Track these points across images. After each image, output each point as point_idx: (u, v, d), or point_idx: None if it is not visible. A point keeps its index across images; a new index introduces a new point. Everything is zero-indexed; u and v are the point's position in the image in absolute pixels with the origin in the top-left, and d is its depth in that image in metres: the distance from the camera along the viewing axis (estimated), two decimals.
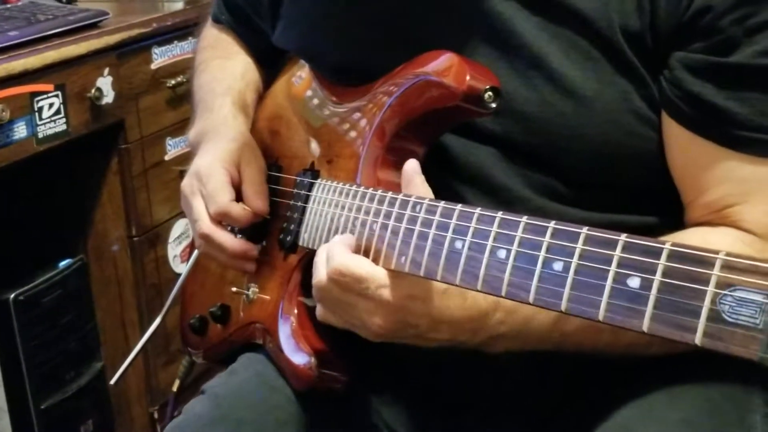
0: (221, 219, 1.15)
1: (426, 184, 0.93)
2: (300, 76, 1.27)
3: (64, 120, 1.81)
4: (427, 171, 0.99)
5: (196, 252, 1.35)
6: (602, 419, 0.96)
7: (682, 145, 0.96)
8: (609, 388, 0.99)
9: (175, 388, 1.44)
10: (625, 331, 0.92)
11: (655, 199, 1.01)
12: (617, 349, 0.96)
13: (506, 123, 1.00)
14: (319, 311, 0.98)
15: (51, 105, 1.78)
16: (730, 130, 0.92)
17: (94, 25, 1.94)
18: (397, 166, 0.99)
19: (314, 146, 1.18)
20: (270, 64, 1.35)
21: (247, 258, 1.17)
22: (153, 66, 2.05)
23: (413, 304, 0.91)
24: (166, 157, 2.11)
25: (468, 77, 0.95)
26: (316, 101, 1.22)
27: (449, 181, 1.03)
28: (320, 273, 0.94)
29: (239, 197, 1.17)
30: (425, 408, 1.12)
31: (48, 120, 1.77)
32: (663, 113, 0.96)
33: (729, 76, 0.91)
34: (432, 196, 0.91)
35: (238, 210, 1.14)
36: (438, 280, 0.86)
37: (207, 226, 1.15)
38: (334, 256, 0.93)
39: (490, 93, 0.95)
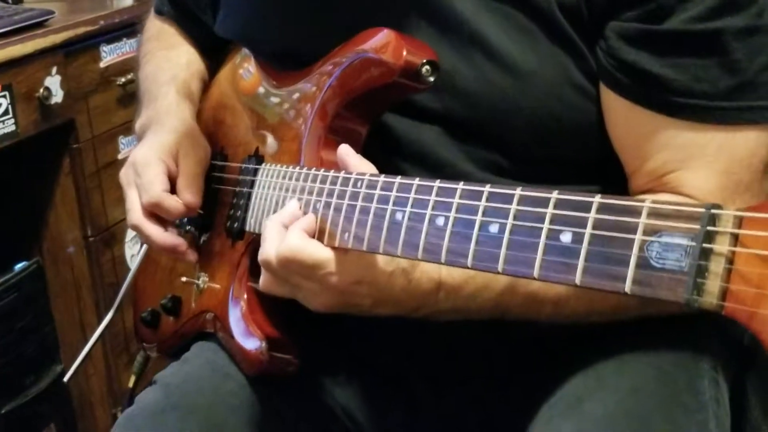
0: (153, 210, 1.14)
1: (364, 161, 0.93)
2: (248, 70, 1.27)
3: (12, 121, 1.79)
4: (370, 151, 0.99)
5: (145, 245, 1.34)
6: (553, 389, 0.96)
7: (621, 115, 0.96)
8: (560, 359, 1.00)
9: (131, 384, 1.43)
10: (565, 304, 0.94)
11: (598, 170, 1.01)
12: (559, 319, 0.97)
13: (447, 100, 1.00)
14: (264, 282, 0.96)
15: None
16: (666, 96, 0.92)
17: (40, 24, 1.92)
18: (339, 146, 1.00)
19: (258, 132, 1.18)
20: (214, 53, 1.35)
21: (176, 252, 1.15)
22: (102, 64, 2.03)
23: (359, 288, 0.91)
24: (119, 156, 2.09)
25: (405, 52, 0.95)
26: (260, 88, 1.21)
27: (393, 160, 1.03)
28: (269, 251, 0.92)
29: (176, 189, 1.16)
30: (379, 386, 1.12)
31: None
32: (601, 84, 0.97)
33: (663, 43, 0.91)
34: (373, 169, 0.91)
35: (169, 202, 1.13)
36: (381, 253, 0.85)
37: (137, 217, 1.14)
38: (287, 238, 0.91)
39: (427, 67, 0.95)
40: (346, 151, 0.93)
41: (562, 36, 0.96)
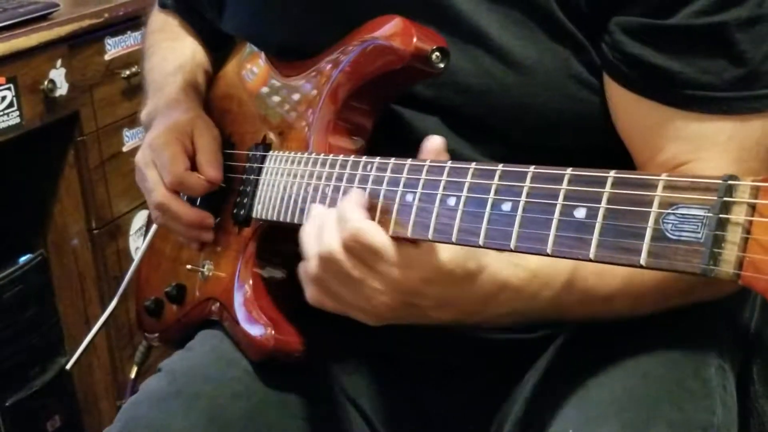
0: (177, 188, 1.15)
1: None
2: (252, 71, 1.27)
3: (17, 113, 1.79)
4: (377, 139, 0.99)
5: (150, 234, 1.34)
6: (561, 379, 0.96)
7: (628, 108, 0.96)
8: (567, 349, 1.00)
9: (132, 375, 1.43)
10: (612, 300, 0.92)
11: (603, 160, 1.00)
12: (608, 317, 0.95)
13: (449, 96, 1.00)
14: (313, 292, 0.90)
15: (3, 98, 1.76)
16: (674, 90, 0.91)
17: (44, 17, 1.92)
18: (348, 132, 1.00)
19: (266, 120, 1.18)
20: (218, 47, 1.35)
21: (203, 227, 1.17)
22: (106, 57, 2.04)
23: (427, 288, 0.86)
24: (124, 149, 2.09)
25: (415, 39, 0.95)
26: (268, 78, 1.21)
27: (399, 149, 1.03)
28: (331, 240, 0.85)
29: (194, 168, 1.17)
30: (386, 375, 1.12)
31: (0, 113, 1.75)
32: (606, 77, 0.96)
33: (668, 38, 0.91)
34: None
35: (193, 179, 1.14)
36: (390, 235, 0.85)
37: (163, 195, 1.15)
38: (349, 219, 0.84)
39: (437, 53, 0.95)
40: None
41: (561, 30, 0.95)
